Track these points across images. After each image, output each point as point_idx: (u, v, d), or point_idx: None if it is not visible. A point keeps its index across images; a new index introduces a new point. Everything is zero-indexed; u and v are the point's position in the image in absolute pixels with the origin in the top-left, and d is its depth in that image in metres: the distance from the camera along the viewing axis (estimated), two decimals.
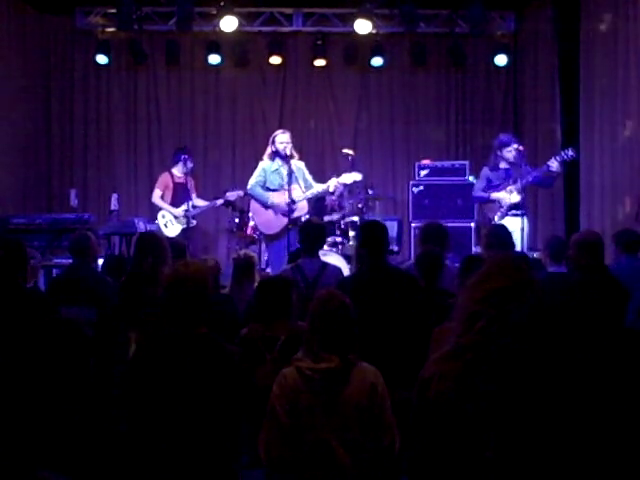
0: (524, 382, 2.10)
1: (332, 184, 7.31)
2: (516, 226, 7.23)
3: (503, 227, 5.60)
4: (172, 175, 8.56)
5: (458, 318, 2.24)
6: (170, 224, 8.30)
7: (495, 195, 7.49)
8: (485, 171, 7.67)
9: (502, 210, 7.39)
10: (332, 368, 2.94)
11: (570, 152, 7.27)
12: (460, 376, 2.12)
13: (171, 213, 8.38)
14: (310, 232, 5.12)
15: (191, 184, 8.52)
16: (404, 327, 3.94)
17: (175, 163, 8.60)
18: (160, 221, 8.36)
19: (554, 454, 2.10)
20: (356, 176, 7.33)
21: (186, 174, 8.48)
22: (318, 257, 5.12)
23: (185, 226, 8.29)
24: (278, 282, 3.97)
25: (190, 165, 8.46)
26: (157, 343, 3.00)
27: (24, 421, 2.38)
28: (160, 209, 8.46)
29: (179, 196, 8.42)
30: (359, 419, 2.93)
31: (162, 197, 8.48)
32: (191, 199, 8.37)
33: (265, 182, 7.28)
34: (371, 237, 4.35)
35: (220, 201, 8.47)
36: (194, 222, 8.44)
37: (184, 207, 8.30)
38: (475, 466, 2.12)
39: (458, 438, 2.14)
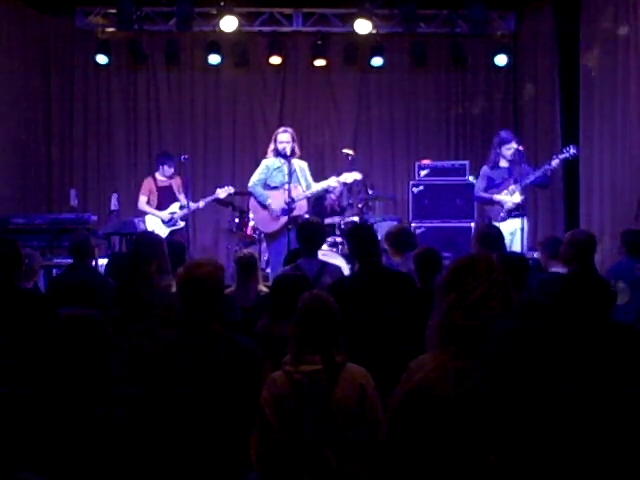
0: (518, 385, 2.10)
1: (331, 182, 7.30)
2: (517, 226, 7.24)
3: (494, 227, 5.57)
4: (155, 180, 8.55)
5: (437, 329, 2.25)
6: (157, 227, 8.28)
7: (498, 197, 7.48)
8: (485, 170, 7.65)
9: (503, 214, 7.38)
10: (319, 370, 2.94)
11: (572, 149, 7.28)
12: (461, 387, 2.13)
13: (158, 217, 8.36)
14: (309, 232, 5.09)
15: (178, 186, 8.52)
16: (399, 327, 3.93)
17: (157, 168, 8.61)
18: (148, 225, 8.32)
19: (554, 455, 2.10)
20: (356, 175, 7.31)
21: (169, 177, 8.52)
22: (317, 257, 5.11)
23: (173, 228, 8.30)
24: (295, 280, 3.99)
25: (170, 170, 8.50)
26: (174, 340, 3.02)
27: (15, 421, 2.38)
28: (146, 214, 8.43)
29: (164, 199, 8.42)
30: (349, 421, 2.93)
31: (148, 202, 8.47)
32: (178, 201, 8.39)
33: (267, 179, 7.27)
34: (360, 240, 4.33)
35: (202, 203, 8.39)
36: (182, 224, 8.39)
37: (171, 209, 8.34)
38: (476, 470, 2.12)
39: (459, 442, 2.15)
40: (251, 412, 2.95)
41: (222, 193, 8.33)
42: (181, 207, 8.35)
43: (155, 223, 8.34)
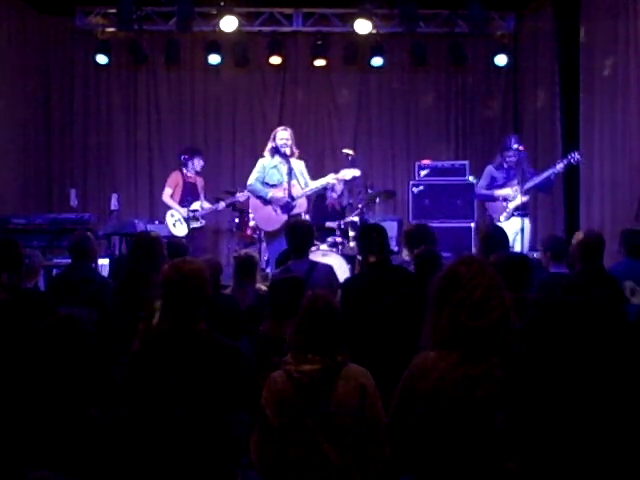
0: (531, 384, 2.10)
1: (329, 179, 7.30)
2: (519, 226, 7.26)
3: (499, 228, 5.56)
4: (183, 174, 8.57)
5: (440, 329, 2.25)
6: (179, 223, 8.33)
7: (499, 192, 7.50)
8: (490, 169, 7.70)
9: (508, 211, 7.40)
10: (319, 370, 2.93)
11: (577, 155, 7.33)
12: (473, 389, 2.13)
13: (179, 212, 8.39)
14: (297, 233, 5.10)
15: (201, 184, 8.57)
16: (406, 327, 3.93)
17: (186, 162, 8.59)
18: (169, 220, 8.39)
19: (565, 453, 2.09)
20: (355, 172, 7.29)
21: (197, 174, 8.56)
22: (307, 257, 5.10)
23: (194, 225, 8.33)
24: (290, 282, 3.99)
25: (200, 164, 8.57)
26: (156, 339, 2.99)
27: (22, 421, 2.38)
28: (169, 208, 8.48)
29: (188, 195, 8.46)
30: (349, 420, 2.92)
31: (172, 196, 8.49)
32: (201, 199, 8.45)
33: (264, 178, 7.27)
34: (372, 238, 4.35)
35: (223, 204, 8.52)
36: (203, 222, 8.50)
37: (193, 207, 8.38)
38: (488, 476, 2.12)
39: (468, 448, 2.15)
40: (235, 412, 2.93)
41: (242, 197, 8.35)
42: (202, 207, 8.42)
43: (177, 219, 8.37)
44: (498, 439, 2.11)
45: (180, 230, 8.29)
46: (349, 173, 7.28)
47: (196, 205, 8.44)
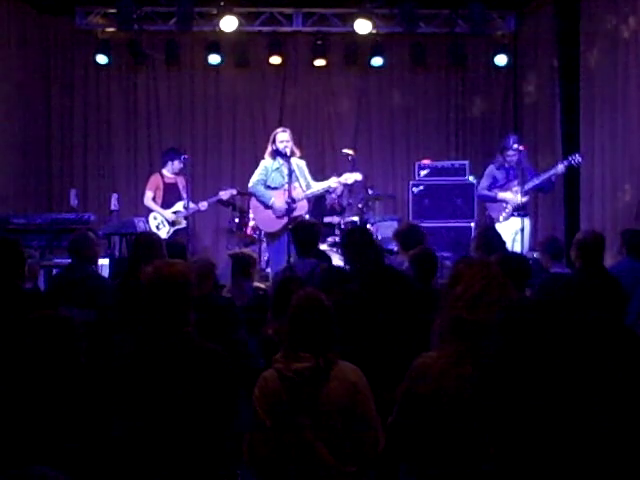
0: (523, 382, 2.10)
1: (331, 182, 7.31)
2: (519, 226, 7.26)
3: (493, 229, 5.58)
4: (162, 176, 8.52)
5: (444, 328, 2.26)
6: (162, 225, 8.28)
7: (502, 195, 7.51)
8: (491, 169, 7.71)
9: (507, 211, 7.41)
10: (310, 368, 2.92)
11: (577, 157, 7.34)
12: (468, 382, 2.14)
13: (162, 215, 8.35)
14: (302, 233, 5.12)
15: (182, 185, 8.41)
16: (401, 326, 3.93)
17: (164, 164, 8.57)
18: (152, 223, 8.30)
19: (554, 458, 2.09)
20: (357, 176, 7.31)
21: (176, 174, 8.49)
22: (312, 257, 5.11)
23: (177, 227, 8.29)
24: (295, 280, 4.00)
25: (179, 166, 8.43)
26: (139, 342, 2.95)
27: (17, 418, 2.39)
28: (151, 211, 8.42)
29: (170, 197, 8.40)
30: (341, 418, 2.91)
31: (153, 198, 8.45)
32: (183, 199, 8.32)
33: (266, 180, 7.27)
34: (366, 240, 4.36)
35: (204, 204, 8.41)
36: (184, 223, 8.35)
37: (175, 208, 8.32)
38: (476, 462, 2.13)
39: (461, 441, 2.15)
40: (222, 417, 2.86)
41: (225, 195, 8.33)
42: (184, 206, 8.34)
43: (160, 221, 8.34)
44: (482, 433, 2.12)
45: (163, 232, 8.24)
46: (351, 177, 7.30)
47: (178, 206, 8.36)
